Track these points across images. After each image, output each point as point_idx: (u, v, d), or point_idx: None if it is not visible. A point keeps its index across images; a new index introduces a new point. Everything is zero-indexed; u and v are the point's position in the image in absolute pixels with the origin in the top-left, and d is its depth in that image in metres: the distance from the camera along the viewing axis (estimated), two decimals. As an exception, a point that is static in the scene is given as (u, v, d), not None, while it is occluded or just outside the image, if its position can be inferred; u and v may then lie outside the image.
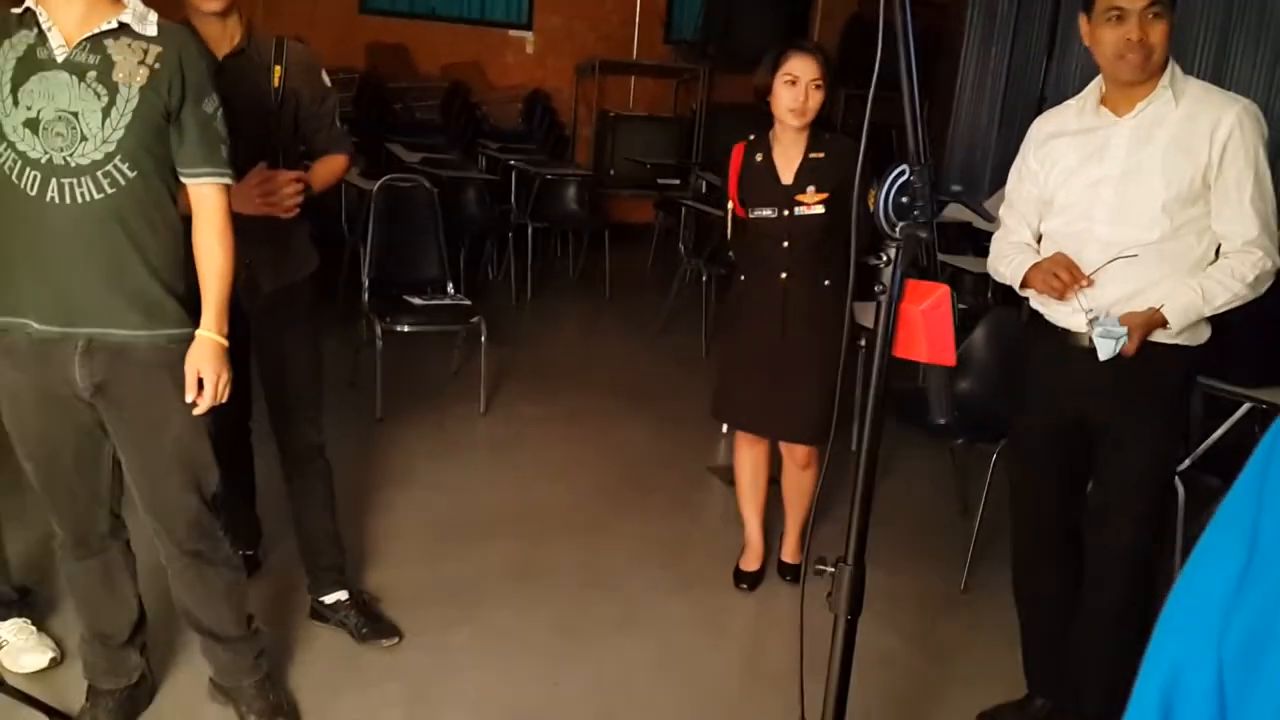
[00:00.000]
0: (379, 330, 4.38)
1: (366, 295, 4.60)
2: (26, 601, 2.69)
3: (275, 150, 2.56)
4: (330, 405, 2.88)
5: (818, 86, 2.88)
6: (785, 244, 2.98)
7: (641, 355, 5.84)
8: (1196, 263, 2.21)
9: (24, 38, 1.90)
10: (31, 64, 1.89)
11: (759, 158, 3.02)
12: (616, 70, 8.87)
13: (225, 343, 2.08)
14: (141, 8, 1.98)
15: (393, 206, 4.81)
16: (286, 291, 2.64)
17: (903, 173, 1.61)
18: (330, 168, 2.71)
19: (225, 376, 2.08)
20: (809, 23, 9.00)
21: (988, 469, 3.30)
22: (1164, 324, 2.19)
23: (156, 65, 1.95)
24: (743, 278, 3.15)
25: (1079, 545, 2.46)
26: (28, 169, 1.90)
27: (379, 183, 4.83)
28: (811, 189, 2.93)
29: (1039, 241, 2.44)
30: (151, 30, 1.97)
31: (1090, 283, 2.25)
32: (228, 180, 2.08)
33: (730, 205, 3.09)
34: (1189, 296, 2.17)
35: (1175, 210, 2.18)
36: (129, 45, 1.94)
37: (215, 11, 2.40)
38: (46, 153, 1.89)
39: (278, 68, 2.53)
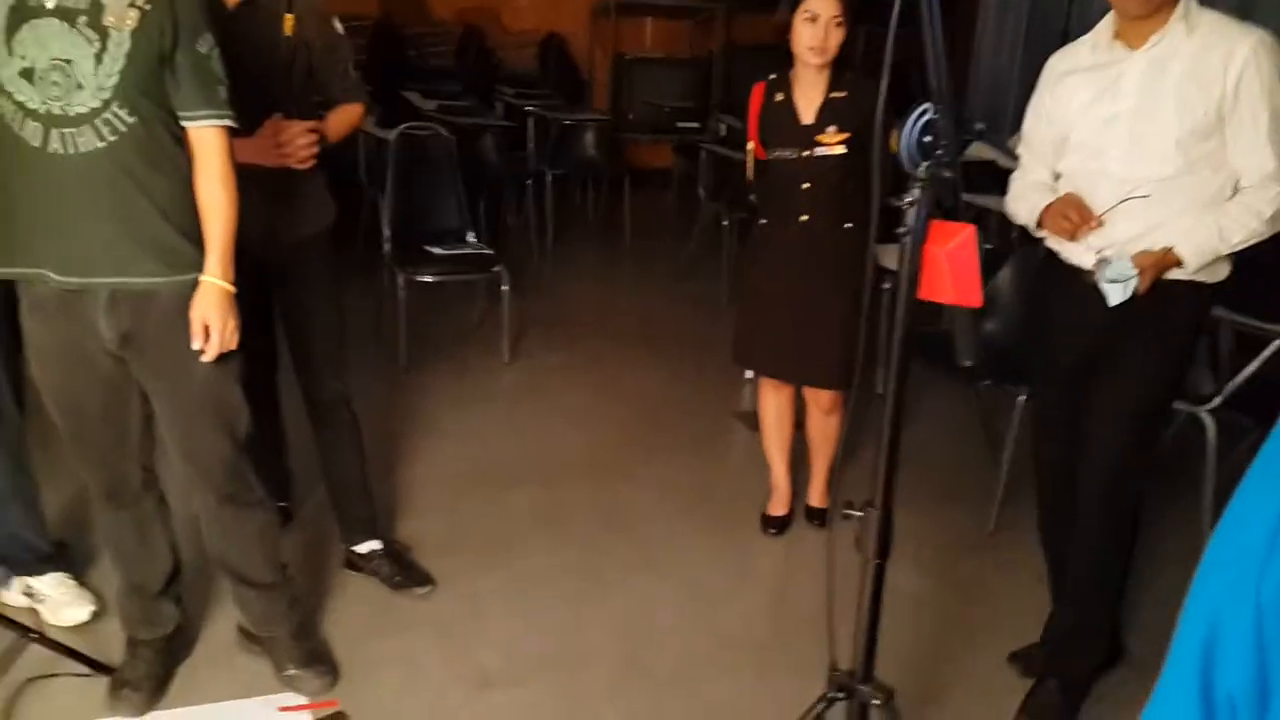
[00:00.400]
0: (401, 281, 4.39)
1: (387, 246, 4.60)
2: (64, 555, 2.73)
3: (288, 101, 2.53)
4: (354, 356, 2.89)
5: (838, 24, 2.83)
6: (805, 185, 2.95)
7: (662, 301, 5.82)
8: (1212, 198, 2.16)
9: None
10: (23, 12, 1.86)
11: (779, 97, 2.97)
12: (632, 11, 8.73)
13: (231, 288, 2.06)
14: None
15: (411, 156, 4.78)
16: (305, 244, 2.64)
17: (925, 112, 1.58)
18: (345, 117, 2.68)
19: (232, 323, 2.06)
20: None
21: (1015, 410, 3.28)
22: (1178, 264, 2.15)
23: (147, 7, 1.91)
24: (763, 221, 3.12)
25: None
26: (28, 120, 1.88)
27: (396, 132, 4.79)
28: (833, 129, 2.89)
29: (1057, 180, 2.40)
30: None
31: (1100, 223, 2.22)
32: (228, 122, 2.04)
33: (750, 146, 3.05)
34: (1204, 234, 2.13)
35: (1190, 145, 2.13)
36: None
37: (225, -39, 2.36)
38: (44, 103, 1.87)
39: (289, 16, 2.49)
